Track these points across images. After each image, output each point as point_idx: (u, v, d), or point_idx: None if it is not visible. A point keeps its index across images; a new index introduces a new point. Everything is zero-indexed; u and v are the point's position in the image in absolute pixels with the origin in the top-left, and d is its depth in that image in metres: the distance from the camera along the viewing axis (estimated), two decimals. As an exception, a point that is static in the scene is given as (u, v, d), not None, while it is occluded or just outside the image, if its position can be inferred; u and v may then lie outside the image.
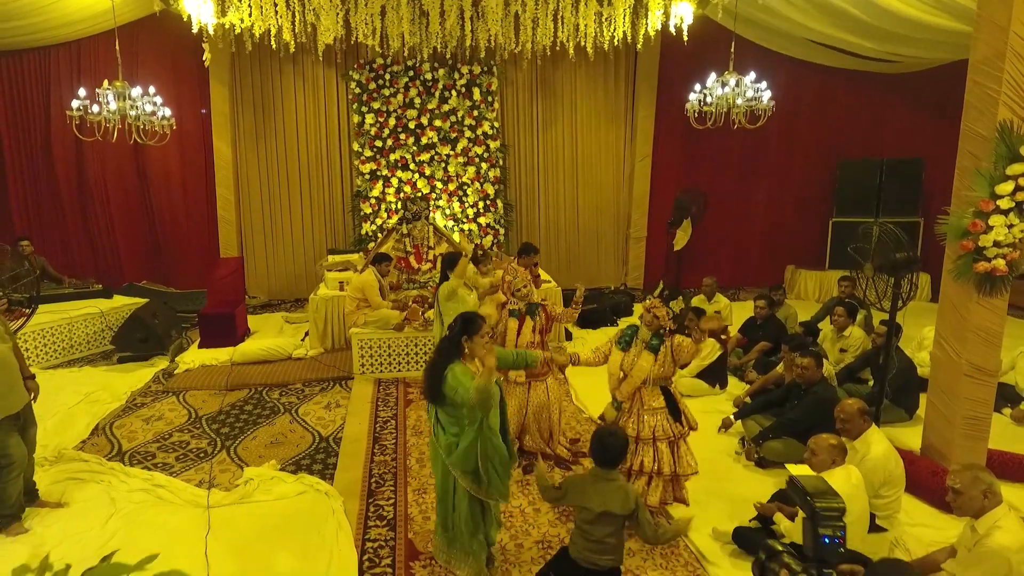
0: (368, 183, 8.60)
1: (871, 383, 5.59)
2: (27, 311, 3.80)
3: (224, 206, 8.88)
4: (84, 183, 8.53)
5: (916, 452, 4.34)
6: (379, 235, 8.61)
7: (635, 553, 3.44)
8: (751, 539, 3.51)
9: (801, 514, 3.22)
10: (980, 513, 2.82)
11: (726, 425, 4.97)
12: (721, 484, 4.23)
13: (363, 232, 8.70)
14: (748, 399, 5.21)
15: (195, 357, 6.56)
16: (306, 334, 7.33)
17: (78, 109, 5.27)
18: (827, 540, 1.38)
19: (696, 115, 6.97)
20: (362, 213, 8.66)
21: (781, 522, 3.47)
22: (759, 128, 7.07)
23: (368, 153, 8.52)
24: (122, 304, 7.30)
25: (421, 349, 6.19)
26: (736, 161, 9.94)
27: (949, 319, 4.00)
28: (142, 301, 7.29)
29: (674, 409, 3.86)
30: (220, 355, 6.58)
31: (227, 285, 7.27)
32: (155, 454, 4.63)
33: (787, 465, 2.71)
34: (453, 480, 3.07)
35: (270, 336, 7.29)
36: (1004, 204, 3.53)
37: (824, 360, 5.03)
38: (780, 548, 1.50)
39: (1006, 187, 3.52)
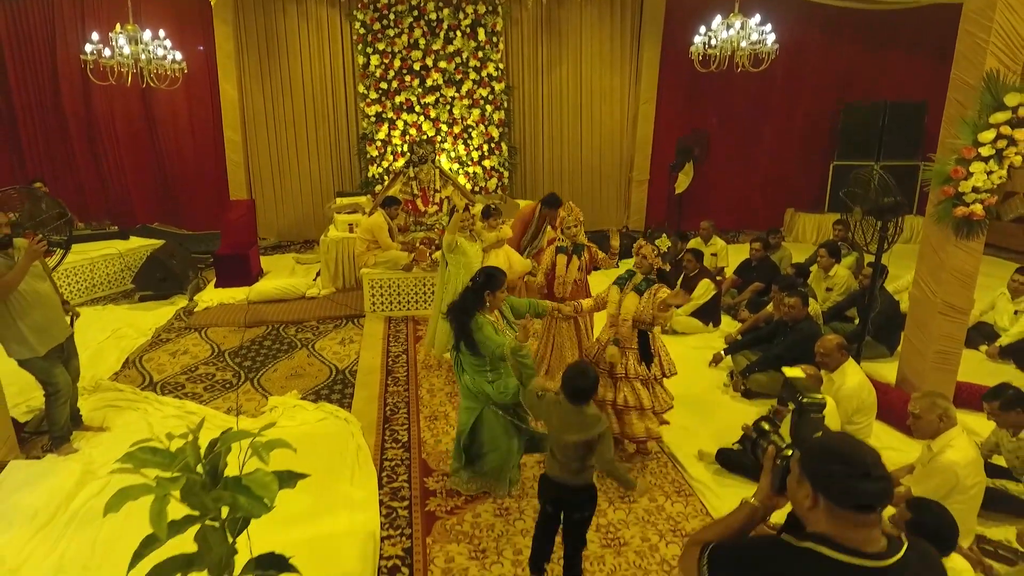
0: (374, 125, 8.69)
1: (856, 321, 5.88)
2: (63, 250, 4.06)
3: (232, 148, 9.00)
4: (93, 127, 8.64)
5: (890, 384, 4.66)
6: (386, 178, 8.77)
7: (628, 470, 3.80)
8: (732, 459, 3.88)
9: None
10: (936, 434, 3.15)
11: (716, 360, 5.30)
12: (709, 412, 4.58)
13: (369, 175, 8.85)
14: (739, 337, 5.51)
15: (213, 296, 6.86)
16: (317, 274, 7.62)
17: (91, 53, 5.37)
18: (813, 428, 1.58)
19: (700, 58, 7.01)
20: (368, 156, 8.79)
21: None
22: (764, 71, 7.12)
23: (373, 95, 8.58)
24: (139, 245, 7.55)
25: (429, 289, 6.47)
26: (740, 105, 9.96)
27: (928, 260, 4.24)
28: (158, 242, 7.54)
29: (646, 353, 3.88)
30: (237, 294, 6.88)
31: (240, 227, 7.50)
32: (184, 385, 4.98)
33: (784, 369, 3.04)
34: (484, 415, 3.43)
35: (283, 276, 7.57)
36: (985, 152, 3.71)
37: (811, 299, 5.31)
38: (768, 428, 1.74)
39: (988, 135, 3.69)
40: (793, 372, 2.19)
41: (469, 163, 9.06)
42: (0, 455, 3.77)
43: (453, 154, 8.91)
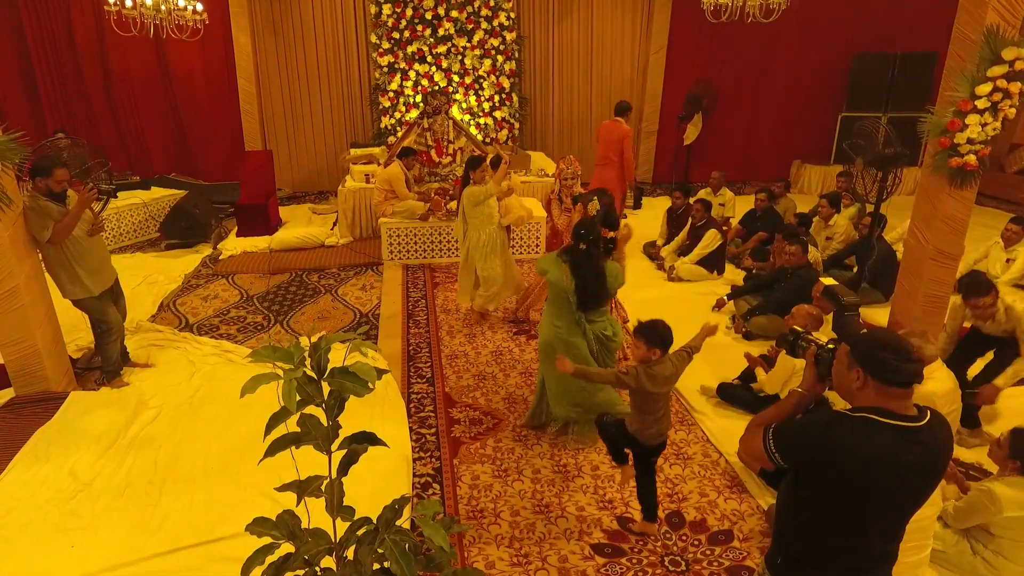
0: (386, 76, 8.77)
1: (855, 269, 6.14)
2: (111, 197, 4.31)
3: (246, 99, 9.12)
4: (109, 79, 8.75)
5: (883, 327, 4.94)
6: (399, 129, 8.90)
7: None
8: (732, 393, 4.22)
9: (775, 366, 3.87)
10: (918, 368, 3.44)
11: (719, 305, 5.58)
12: (711, 352, 4.82)
13: (382, 126, 8.98)
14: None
15: (236, 244, 7.14)
16: (335, 224, 7.86)
17: (114, 4, 5.49)
18: (851, 319, 1.90)
19: (712, 8, 7.05)
20: (381, 106, 8.90)
21: (760, 375, 4.14)
22: (775, 22, 7.16)
23: (386, 45, 8.63)
24: (161, 195, 7.80)
25: (445, 237, 6.72)
26: (750, 55, 9.95)
27: (922, 208, 4.45)
28: (180, 192, 7.78)
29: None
30: (259, 243, 7.15)
31: (259, 177, 7.71)
32: (218, 326, 5.31)
33: (821, 279, 3.33)
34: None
35: (301, 226, 7.82)
36: (981, 104, 3.87)
37: (811, 247, 5.54)
38: (800, 330, 2.06)
39: (985, 88, 3.84)
40: (829, 280, 2.57)
41: (480, 114, 9.16)
42: (62, 386, 4.12)
43: (464, 105, 9.00)
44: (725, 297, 5.56)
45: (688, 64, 9.92)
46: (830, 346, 1.90)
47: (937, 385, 3.32)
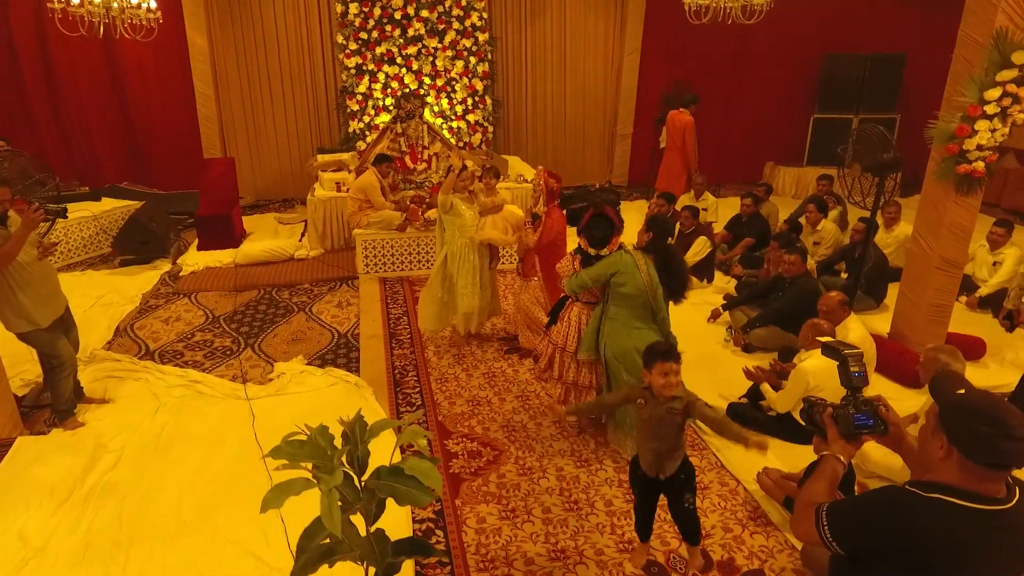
0: (354, 78, 8.37)
1: (843, 275, 6.05)
2: (60, 218, 3.86)
3: (203, 103, 8.61)
4: (53, 82, 8.12)
5: (883, 336, 4.83)
6: (367, 133, 8.52)
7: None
8: (741, 412, 4.01)
9: (787, 383, 3.69)
10: (941, 386, 3.30)
11: (715, 316, 5.41)
12: (712, 368, 4.69)
13: (350, 130, 8.58)
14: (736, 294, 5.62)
15: (197, 259, 6.66)
16: (303, 234, 7.45)
17: (59, 1, 4.99)
18: (857, 374, 1.75)
19: (693, 9, 6.91)
20: (348, 110, 8.50)
21: (767, 393, 3.95)
22: (748, 23, 7.06)
23: (353, 46, 8.23)
24: (113, 207, 7.25)
25: (423, 248, 6.39)
26: (723, 57, 9.88)
27: (926, 216, 4.35)
28: (134, 203, 7.25)
29: (553, 314, 3.86)
30: (223, 257, 6.69)
31: (221, 185, 7.25)
32: (183, 353, 4.88)
33: (819, 338, 3.24)
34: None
35: (267, 237, 7.38)
36: (990, 110, 3.77)
37: (808, 256, 5.41)
38: (815, 400, 1.92)
39: (994, 93, 3.74)
40: (826, 338, 2.53)
41: (453, 117, 8.85)
42: (6, 432, 3.66)
43: (436, 108, 8.68)
44: (720, 308, 5.39)
45: (662, 65, 9.80)
46: (842, 403, 1.77)
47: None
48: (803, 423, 1.95)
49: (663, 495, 2.79)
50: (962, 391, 1.61)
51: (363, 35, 8.21)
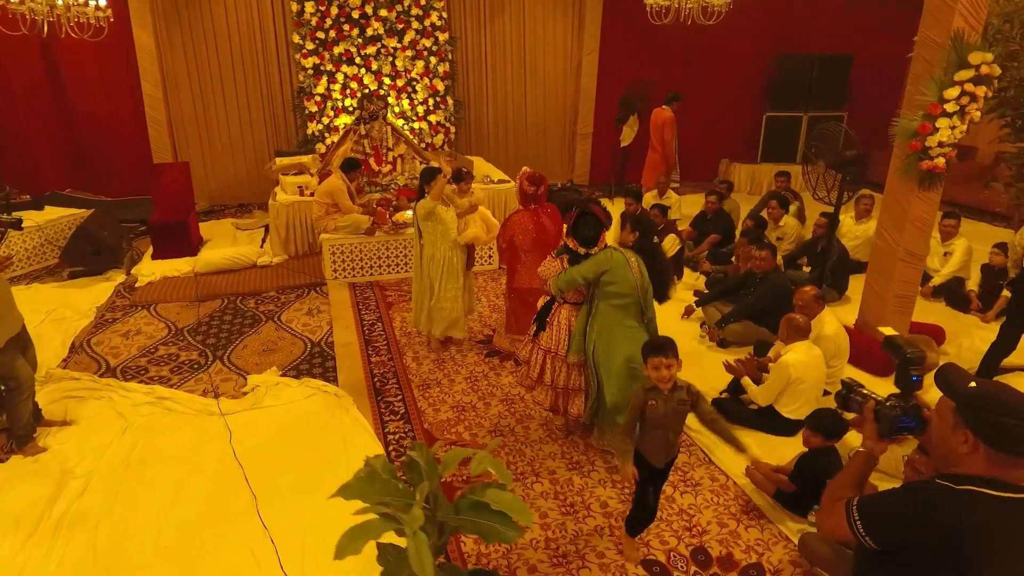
0: (311, 79, 8.16)
1: (805, 268, 6.23)
2: (15, 230, 3.60)
3: (152, 105, 8.24)
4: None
5: (850, 326, 4.99)
6: (327, 135, 8.33)
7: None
8: (723, 407, 4.07)
9: (768, 377, 3.77)
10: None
11: (688, 312, 5.48)
12: (690, 364, 4.68)
13: (309, 132, 8.36)
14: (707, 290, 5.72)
15: (153, 269, 6.37)
16: (264, 240, 7.22)
17: (-3, -1, 4.68)
18: (916, 378, 1.73)
19: (654, 10, 7.00)
20: (307, 111, 8.27)
21: (749, 387, 4.02)
22: (701, 23, 7.21)
23: (310, 46, 8.02)
24: (57, 216, 6.86)
25: (392, 252, 6.28)
26: (679, 56, 10.06)
27: (891, 211, 4.51)
28: (81, 212, 6.88)
29: (540, 320, 3.78)
30: (181, 266, 6.42)
31: (175, 191, 6.94)
32: (147, 368, 4.65)
33: (880, 328, 3.27)
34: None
35: (227, 244, 7.11)
36: (950, 108, 3.93)
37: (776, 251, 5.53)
38: (854, 383, 1.89)
39: (953, 92, 3.90)
40: (888, 330, 2.45)
41: (414, 118, 8.73)
42: (-40, 461, 3.41)
43: (397, 109, 8.54)
44: (693, 304, 5.47)
45: (621, 64, 9.89)
46: (890, 403, 1.74)
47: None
48: (836, 406, 1.97)
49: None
50: (973, 384, 1.62)
51: (320, 34, 8.00)
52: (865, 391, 1.85)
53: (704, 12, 6.88)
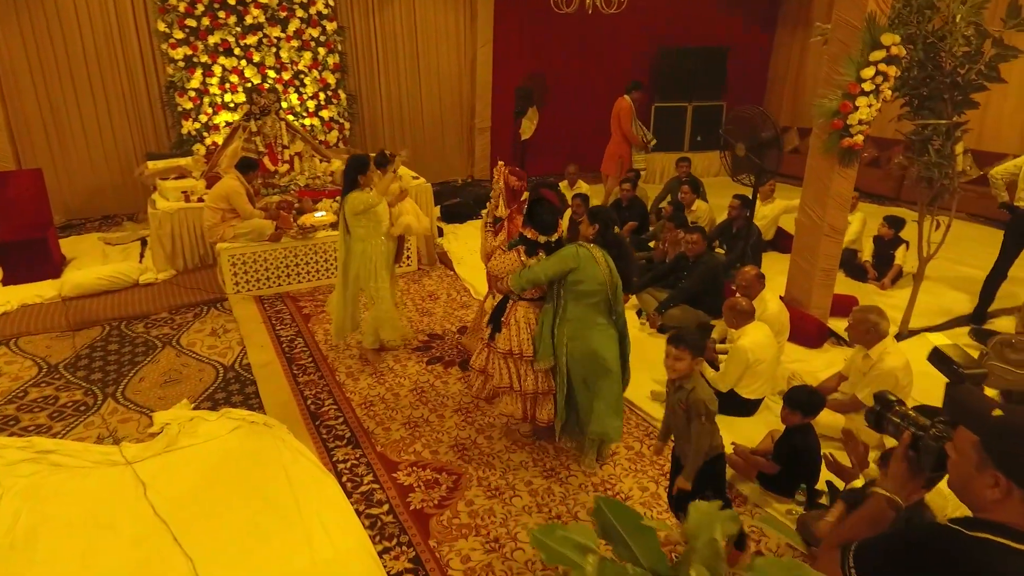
0: (183, 72, 7.27)
1: (719, 250, 6.41)
2: None
3: (-16, 105, 6.97)
4: None
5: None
6: (206, 135, 7.48)
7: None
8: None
9: (727, 362, 3.74)
10: (870, 344, 3.53)
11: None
12: (634, 352, 4.66)
13: (184, 131, 7.46)
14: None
15: (7, 296, 5.35)
16: (142, 255, 6.35)
17: None
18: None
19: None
20: (180, 108, 7.37)
21: (708, 372, 3.99)
22: (590, 15, 7.26)
23: (179, 35, 7.13)
24: None
25: (302, 259, 5.70)
26: (571, 48, 10.10)
27: (813, 189, 4.68)
28: (-101, 234, 5.65)
29: (495, 321, 3.46)
30: (43, 291, 5.44)
31: (26, 204, 5.89)
32: (18, 417, 3.84)
33: (927, 335, 3.10)
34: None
35: (95, 262, 6.15)
36: (867, 87, 4.12)
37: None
38: (893, 399, 1.49)
39: (869, 71, 4.09)
40: (939, 339, 2.17)
41: (304, 114, 8.07)
42: None
43: (285, 104, 7.84)
44: (627, 292, 5.42)
45: (516, 56, 9.77)
46: (935, 430, 1.35)
47: (896, 360, 3.41)
48: (868, 424, 1.57)
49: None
50: (998, 411, 1.37)
51: (191, 22, 7.14)
52: (907, 411, 1.46)
53: (607, 2, 6.88)
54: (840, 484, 2.97)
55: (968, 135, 4.66)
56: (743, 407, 3.89)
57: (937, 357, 1.38)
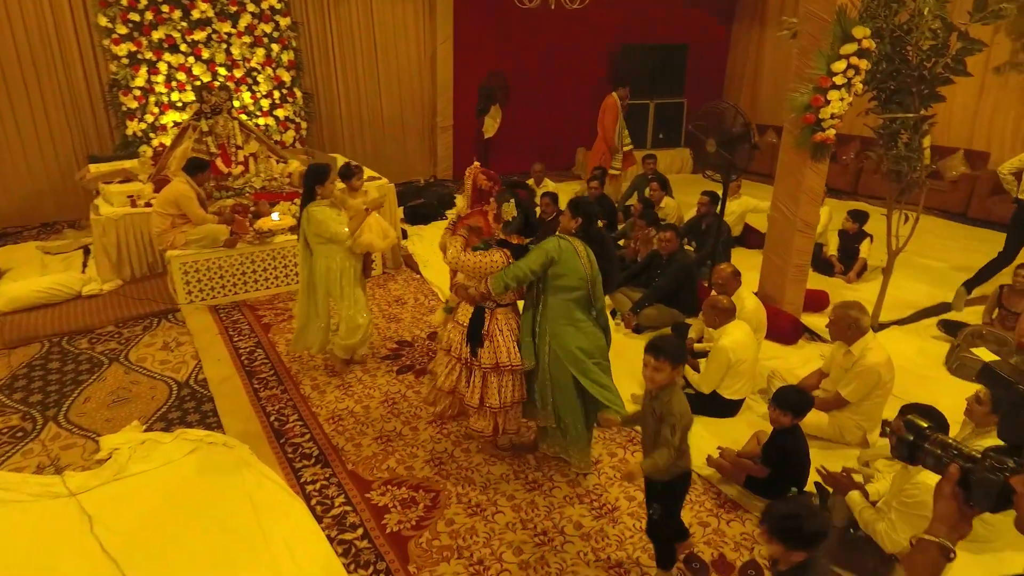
0: (127, 69, 6.85)
1: (688, 247, 6.35)
2: None
3: (-99, 106, 6.43)
4: None
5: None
6: (152, 136, 7.08)
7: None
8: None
9: (708, 363, 3.65)
10: (851, 340, 3.48)
11: (596, 301, 5.31)
12: (612, 354, 4.56)
13: (129, 133, 7.04)
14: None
15: (-68, 313, 4.92)
16: (84, 265, 5.94)
17: None
18: None
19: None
20: (124, 108, 6.95)
21: (690, 375, 3.90)
22: (553, 11, 7.16)
23: (122, 30, 6.71)
24: None
25: (260, 265, 5.41)
26: (533, 45, 9.96)
27: (785, 184, 4.65)
28: None
29: (475, 336, 3.17)
30: (-27, 306, 5.02)
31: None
32: (-55, 447, 3.49)
33: (975, 352, 2.94)
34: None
35: (32, 273, 5.72)
36: (839, 80, 4.09)
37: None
38: (925, 424, 1.25)
39: (840, 65, 4.05)
40: (987, 354, 1.95)
41: (258, 113, 7.73)
42: None
43: (238, 103, 7.49)
44: (600, 292, 5.31)
45: (478, 53, 9.57)
46: (990, 461, 1.12)
47: (878, 356, 3.37)
48: (897, 457, 1.30)
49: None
50: None
51: (134, 16, 6.74)
52: (942, 438, 1.22)
53: (571, -4, 6.77)
54: (829, 488, 2.91)
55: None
56: (725, 408, 3.82)
57: (988, 376, 1.11)
